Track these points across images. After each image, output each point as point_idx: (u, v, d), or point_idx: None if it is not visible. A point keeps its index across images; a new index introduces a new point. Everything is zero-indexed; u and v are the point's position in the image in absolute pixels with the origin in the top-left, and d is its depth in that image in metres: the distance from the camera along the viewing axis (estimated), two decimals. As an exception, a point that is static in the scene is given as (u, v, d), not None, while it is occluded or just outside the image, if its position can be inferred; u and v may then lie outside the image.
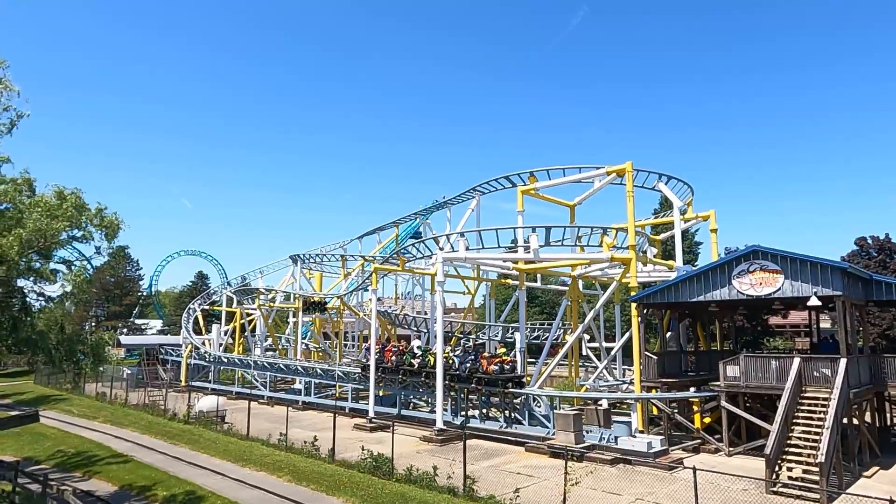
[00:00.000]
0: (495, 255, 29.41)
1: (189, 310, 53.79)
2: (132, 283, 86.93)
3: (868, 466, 19.60)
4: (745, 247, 22.66)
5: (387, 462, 18.78)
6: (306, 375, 35.76)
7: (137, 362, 52.22)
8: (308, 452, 21.74)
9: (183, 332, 49.47)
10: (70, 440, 25.77)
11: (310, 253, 47.69)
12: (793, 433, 18.32)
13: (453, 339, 41.28)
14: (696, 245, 55.28)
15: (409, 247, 32.54)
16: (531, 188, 30.82)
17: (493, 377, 24.88)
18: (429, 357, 27.63)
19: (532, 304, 61.95)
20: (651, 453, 20.26)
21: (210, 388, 42.21)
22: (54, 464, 21.85)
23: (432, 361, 27.03)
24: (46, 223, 13.68)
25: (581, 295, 34.10)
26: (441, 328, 27.46)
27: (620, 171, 27.09)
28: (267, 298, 48.03)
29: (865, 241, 42.81)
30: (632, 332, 24.70)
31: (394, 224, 47.36)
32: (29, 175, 14.91)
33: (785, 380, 19.64)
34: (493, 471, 19.60)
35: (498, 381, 24.76)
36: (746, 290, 21.39)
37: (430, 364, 27.17)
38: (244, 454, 22.04)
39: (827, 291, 19.86)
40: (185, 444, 24.27)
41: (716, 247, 32.13)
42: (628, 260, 25.07)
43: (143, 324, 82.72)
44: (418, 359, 28.03)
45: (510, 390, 24.72)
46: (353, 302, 45.97)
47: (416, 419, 28.64)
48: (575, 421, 21.94)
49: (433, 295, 34.82)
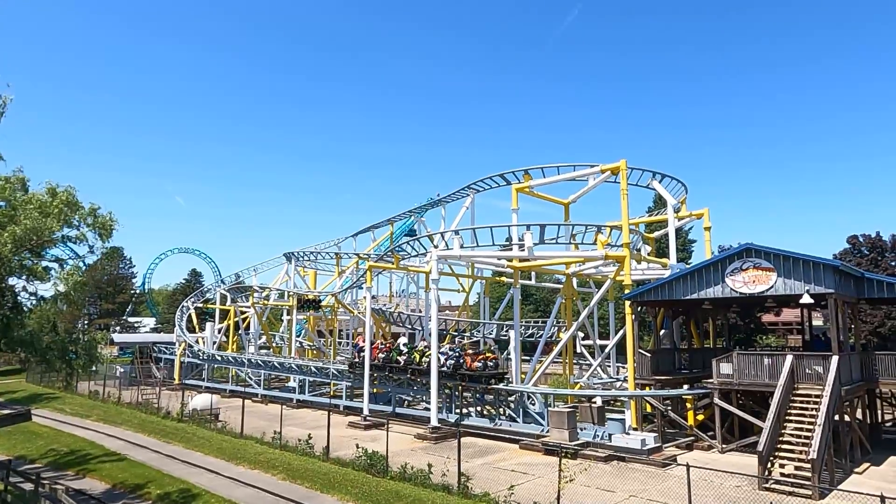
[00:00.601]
0: (490, 252, 29.47)
1: (182, 307, 53.57)
2: (125, 281, 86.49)
3: (859, 463, 19.77)
4: (739, 245, 22.77)
5: (381, 460, 18.80)
6: (300, 373, 35.72)
7: (130, 360, 51.96)
8: (302, 450, 21.73)
9: (176, 330, 49.30)
10: (63, 439, 25.64)
11: (304, 250, 47.56)
12: (785, 430, 18.46)
13: (447, 336, 41.34)
14: (690, 243, 55.51)
15: (404, 244, 32.52)
16: (526, 186, 30.85)
17: (477, 374, 25.50)
18: (414, 354, 27.96)
19: (526, 302, 62.06)
20: (645, 450, 20.35)
21: (204, 387, 42.09)
22: (47, 462, 21.75)
23: (418, 358, 27.55)
24: (40, 221, 13.60)
25: (575, 293, 34.18)
26: (436, 326, 27.46)
27: (615, 169, 27.15)
28: (261, 296, 47.89)
29: (857, 239, 43.10)
30: (626, 330, 24.78)
31: (388, 222, 47.29)
32: (22, 173, 14.81)
33: (777, 377, 19.78)
34: (488, 468, 19.64)
35: (482, 378, 25.41)
36: (740, 288, 21.50)
37: (415, 361, 27.58)
38: (238, 452, 22.00)
39: (819, 289, 19.98)
40: (179, 443, 24.20)
41: (709, 245, 32.31)
42: (622, 258, 25.15)
43: (137, 322, 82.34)
44: (404, 356, 28.37)
45: (493, 386, 25.37)
46: (348, 300, 45.93)
47: (411, 417, 28.68)
48: (569, 418, 22.01)
49: (428, 293, 34.83)
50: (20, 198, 14.33)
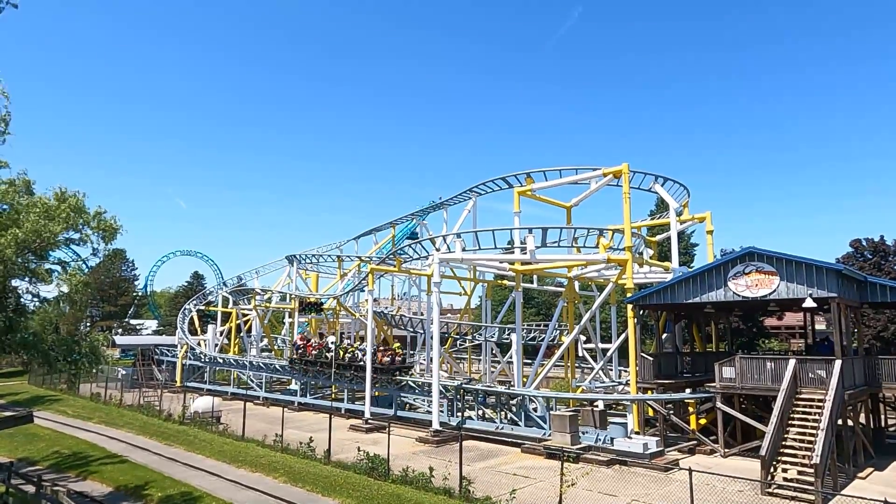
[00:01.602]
0: (492, 255, 29.45)
1: (184, 310, 53.59)
2: (127, 284, 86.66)
3: (863, 467, 19.68)
4: (741, 248, 22.72)
5: (383, 463, 18.77)
6: (301, 376, 35.68)
7: (132, 363, 51.96)
8: (304, 453, 21.70)
9: (178, 333, 49.29)
10: (64, 441, 25.65)
11: (306, 253, 47.58)
12: (788, 434, 18.38)
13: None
14: (692, 247, 55.40)
15: (406, 247, 32.52)
16: (528, 189, 30.84)
17: (385, 367, 29.68)
18: (339, 351, 32.90)
19: (528, 306, 62.00)
20: (647, 454, 20.29)
21: (205, 389, 42.09)
22: (49, 465, 21.76)
23: (341, 354, 32.42)
24: (43, 224, 13.64)
25: (577, 296, 34.14)
26: (437, 329, 27.47)
27: (617, 173, 27.14)
28: (263, 299, 47.91)
29: (860, 242, 42.93)
30: (628, 334, 24.73)
31: (390, 225, 47.27)
32: (27, 176, 14.87)
33: (780, 381, 19.71)
34: (489, 472, 19.60)
35: (388, 370, 29.77)
36: (742, 292, 21.45)
37: (340, 357, 32.33)
38: (239, 455, 21.99)
39: (822, 293, 19.93)
40: (180, 445, 24.19)
41: (711, 248, 32.22)
42: (624, 261, 25.12)
43: (139, 324, 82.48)
44: (331, 353, 32.84)
45: (398, 377, 29.63)
46: (350, 303, 45.88)
47: (413, 420, 28.65)
48: (571, 422, 21.96)
49: (429, 296, 34.79)
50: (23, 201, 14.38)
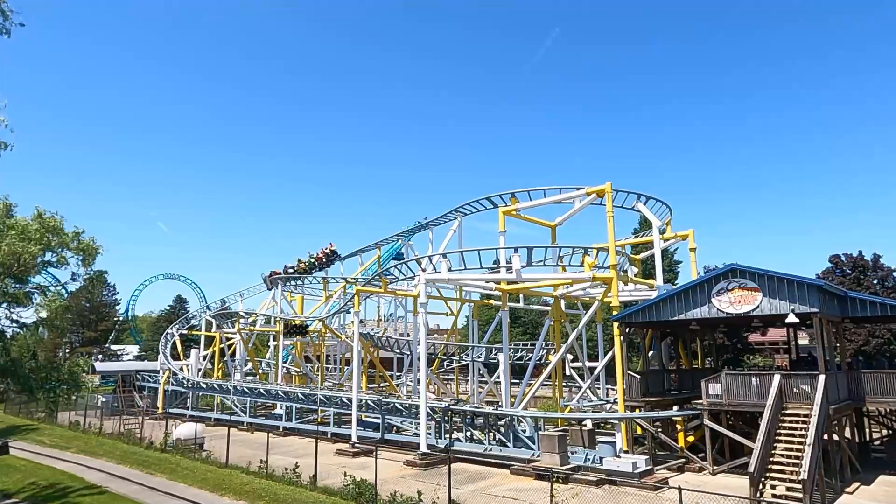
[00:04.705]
0: (478, 275, 29.47)
1: (167, 335, 52.74)
2: (108, 308, 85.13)
3: (849, 482, 19.77)
4: (724, 265, 22.98)
5: (370, 488, 18.46)
6: (287, 400, 35.19)
7: (113, 389, 50.85)
8: (289, 479, 21.26)
9: (160, 358, 48.40)
10: (41, 472, 24.88)
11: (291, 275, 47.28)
12: (775, 450, 18.43)
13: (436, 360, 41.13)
14: (676, 264, 55.90)
15: (392, 268, 32.47)
16: (513, 209, 31.03)
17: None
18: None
19: (515, 325, 61.93)
20: (636, 473, 20.20)
21: (188, 415, 41.25)
22: (25, 497, 21.05)
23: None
24: (21, 246, 13.43)
25: (563, 315, 34.20)
26: (424, 350, 27.31)
27: (600, 192, 27.44)
28: (247, 322, 47.34)
29: (839, 258, 43.57)
30: (614, 352, 24.78)
31: (376, 246, 47.24)
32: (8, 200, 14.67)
33: (766, 397, 19.81)
34: (479, 494, 19.36)
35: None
36: (726, 309, 21.64)
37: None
38: (223, 482, 21.50)
39: (804, 309, 20.17)
40: (162, 474, 23.61)
41: (695, 265, 32.56)
42: (610, 279, 25.27)
43: (120, 349, 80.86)
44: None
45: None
46: (335, 325, 45.54)
47: (400, 443, 28.28)
48: (560, 442, 21.83)
49: (416, 316, 34.65)
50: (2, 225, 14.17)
